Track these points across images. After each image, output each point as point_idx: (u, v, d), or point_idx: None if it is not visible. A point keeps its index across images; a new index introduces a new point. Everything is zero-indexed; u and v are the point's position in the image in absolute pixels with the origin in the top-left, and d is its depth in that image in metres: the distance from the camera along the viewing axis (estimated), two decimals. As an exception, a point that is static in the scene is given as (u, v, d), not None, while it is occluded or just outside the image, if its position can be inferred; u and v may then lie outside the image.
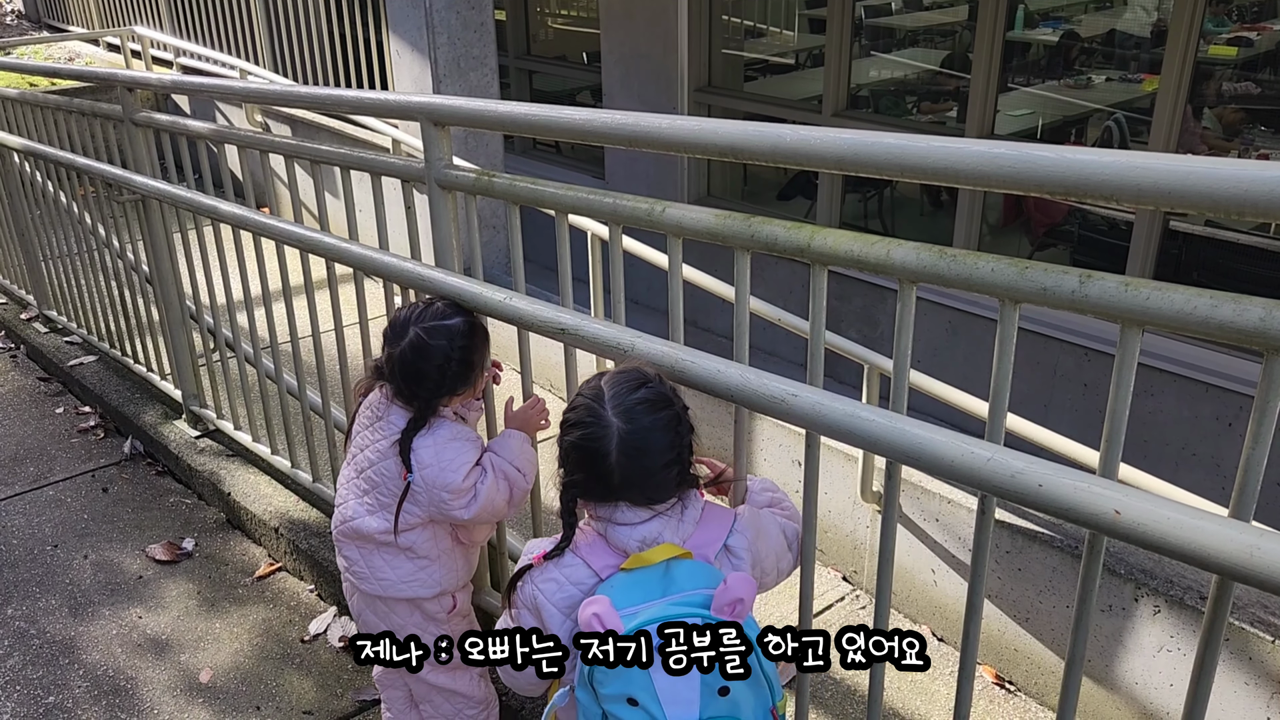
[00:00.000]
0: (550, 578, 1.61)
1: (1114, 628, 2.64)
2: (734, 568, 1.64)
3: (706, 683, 1.46)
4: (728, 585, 1.48)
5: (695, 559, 1.58)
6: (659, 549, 1.56)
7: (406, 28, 5.12)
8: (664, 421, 1.57)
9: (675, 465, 1.59)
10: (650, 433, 1.56)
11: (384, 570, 2.21)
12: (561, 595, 1.60)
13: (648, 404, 1.57)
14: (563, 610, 1.60)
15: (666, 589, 1.52)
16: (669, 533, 1.59)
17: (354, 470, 2.22)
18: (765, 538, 1.73)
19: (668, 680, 1.45)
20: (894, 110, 6.09)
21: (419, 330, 2.06)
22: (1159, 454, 4.63)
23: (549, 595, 1.60)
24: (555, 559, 1.63)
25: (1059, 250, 5.64)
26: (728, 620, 1.46)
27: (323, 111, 5.97)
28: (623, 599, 1.51)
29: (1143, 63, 5.16)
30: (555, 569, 1.62)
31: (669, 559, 1.55)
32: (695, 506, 1.65)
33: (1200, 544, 1.12)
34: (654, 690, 1.45)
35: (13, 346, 5.14)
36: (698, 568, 1.56)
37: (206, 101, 7.39)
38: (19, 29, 10.94)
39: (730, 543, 1.65)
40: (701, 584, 1.53)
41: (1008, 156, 1.31)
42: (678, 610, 1.47)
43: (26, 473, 3.96)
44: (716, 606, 1.47)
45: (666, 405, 1.59)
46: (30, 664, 2.93)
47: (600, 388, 1.60)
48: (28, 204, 4.71)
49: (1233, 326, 1.18)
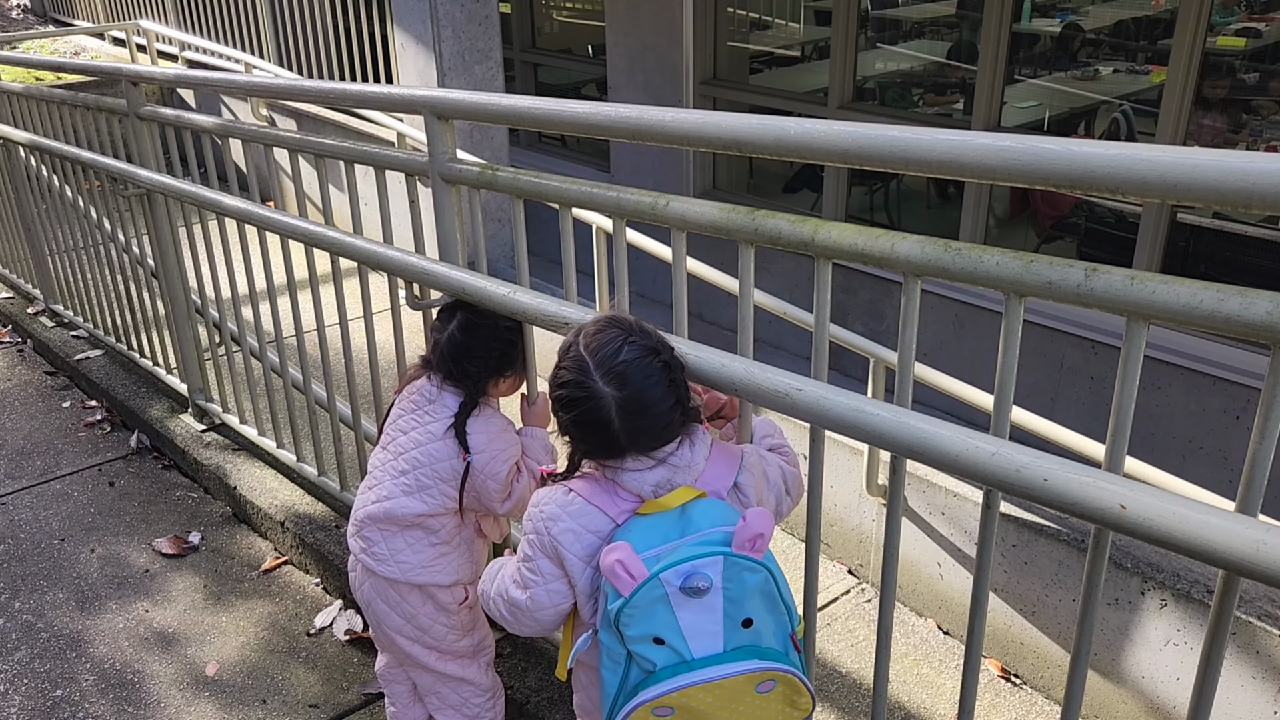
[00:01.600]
0: (568, 528, 1.62)
1: (1120, 621, 2.63)
2: (743, 505, 1.65)
3: (729, 615, 1.50)
4: (747, 521, 1.50)
5: (710, 497, 1.60)
6: (675, 493, 1.58)
7: (411, 21, 5.11)
8: (655, 373, 1.56)
9: (676, 408, 1.59)
10: (644, 391, 1.55)
11: (405, 553, 2.22)
12: (581, 545, 1.61)
13: (634, 362, 1.56)
14: (583, 559, 1.61)
15: (685, 529, 1.54)
16: (680, 475, 1.60)
17: (391, 453, 2.23)
18: (765, 480, 1.74)
19: (691, 616, 1.49)
20: (900, 102, 6.07)
21: (467, 311, 2.13)
22: (1165, 447, 4.62)
23: (568, 546, 1.61)
24: (569, 506, 1.63)
25: (1066, 243, 5.63)
26: (749, 555, 1.49)
27: (327, 105, 5.97)
28: (642, 542, 1.53)
29: (1150, 54, 5.13)
30: (570, 519, 1.62)
31: (685, 501, 1.57)
32: (703, 443, 1.64)
33: (1206, 539, 1.11)
34: (679, 627, 1.49)
35: (20, 340, 5.15)
36: (714, 505, 1.58)
37: (211, 95, 7.39)
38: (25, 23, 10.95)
39: (740, 480, 1.66)
40: (719, 521, 1.55)
41: (1013, 150, 1.30)
42: (700, 550, 1.49)
43: (34, 466, 3.97)
44: (738, 543, 1.49)
45: (653, 354, 1.58)
46: (38, 657, 2.94)
47: (583, 357, 1.58)
48: (34, 198, 4.71)
49: (1239, 320, 1.17)
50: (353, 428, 3.07)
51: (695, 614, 1.49)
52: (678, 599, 1.48)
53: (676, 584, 1.47)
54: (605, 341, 1.58)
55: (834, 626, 3.08)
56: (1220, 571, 1.29)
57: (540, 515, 1.65)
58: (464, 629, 2.35)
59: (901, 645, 3.03)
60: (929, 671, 2.92)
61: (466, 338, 2.14)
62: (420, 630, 2.28)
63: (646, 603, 1.49)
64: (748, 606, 1.51)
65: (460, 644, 2.35)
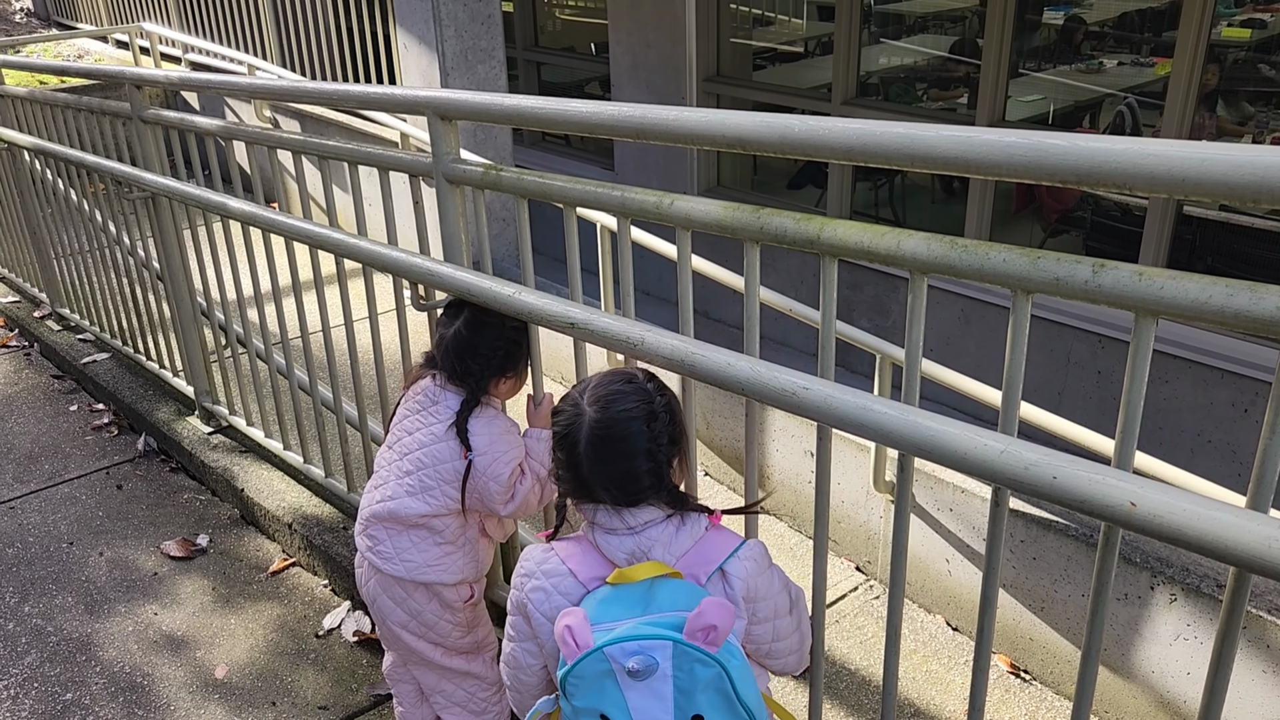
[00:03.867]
0: (539, 586, 1.59)
1: (1130, 616, 2.62)
2: (726, 598, 1.55)
3: (680, 706, 1.43)
4: (701, 610, 1.42)
5: (684, 578, 1.53)
6: (644, 566, 1.53)
7: (414, 21, 5.11)
8: (637, 413, 1.55)
9: (648, 461, 1.55)
10: (619, 422, 1.54)
11: (410, 552, 2.23)
12: (549, 605, 1.57)
13: (623, 395, 1.56)
14: (550, 619, 1.56)
15: (647, 607, 1.48)
16: (659, 548, 1.54)
17: (397, 453, 2.24)
18: (769, 582, 1.64)
19: (640, 699, 1.42)
20: (904, 97, 6.05)
21: (473, 309, 2.13)
22: (1174, 441, 4.60)
23: (538, 605, 1.58)
24: (544, 564, 1.60)
25: (1072, 237, 5.61)
26: (700, 646, 1.41)
27: (331, 107, 5.97)
28: (602, 613, 1.49)
29: (1155, 46, 5.11)
30: (543, 577, 1.59)
31: (654, 577, 1.51)
32: (696, 524, 1.60)
33: (1217, 536, 1.11)
34: (626, 707, 1.43)
35: (26, 345, 5.16)
36: (682, 588, 1.51)
37: (215, 97, 7.40)
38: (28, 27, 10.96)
39: (728, 567, 1.57)
40: (681, 605, 1.47)
41: (1019, 145, 1.29)
42: (648, 631, 1.43)
43: (41, 470, 3.98)
44: (689, 631, 1.42)
45: (645, 399, 1.57)
46: (48, 661, 2.94)
47: (589, 381, 1.61)
48: (39, 202, 4.72)
49: (1248, 315, 1.16)
50: (359, 429, 3.07)
51: (644, 698, 1.42)
52: (624, 679, 1.42)
53: (623, 662, 1.41)
54: (612, 375, 1.61)
55: (842, 624, 3.08)
56: (1231, 568, 1.28)
57: (519, 571, 1.64)
58: (468, 625, 2.36)
59: (910, 642, 3.02)
60: (938, 668, 2.91)
61: (472, 334, 2.15)
62: (425, 626, 2.29)
63: (592, 675, 1.43)
64: (699, 701, 1.43)
65: (464, 640, 2.36)
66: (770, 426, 3.55)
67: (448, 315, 2.20)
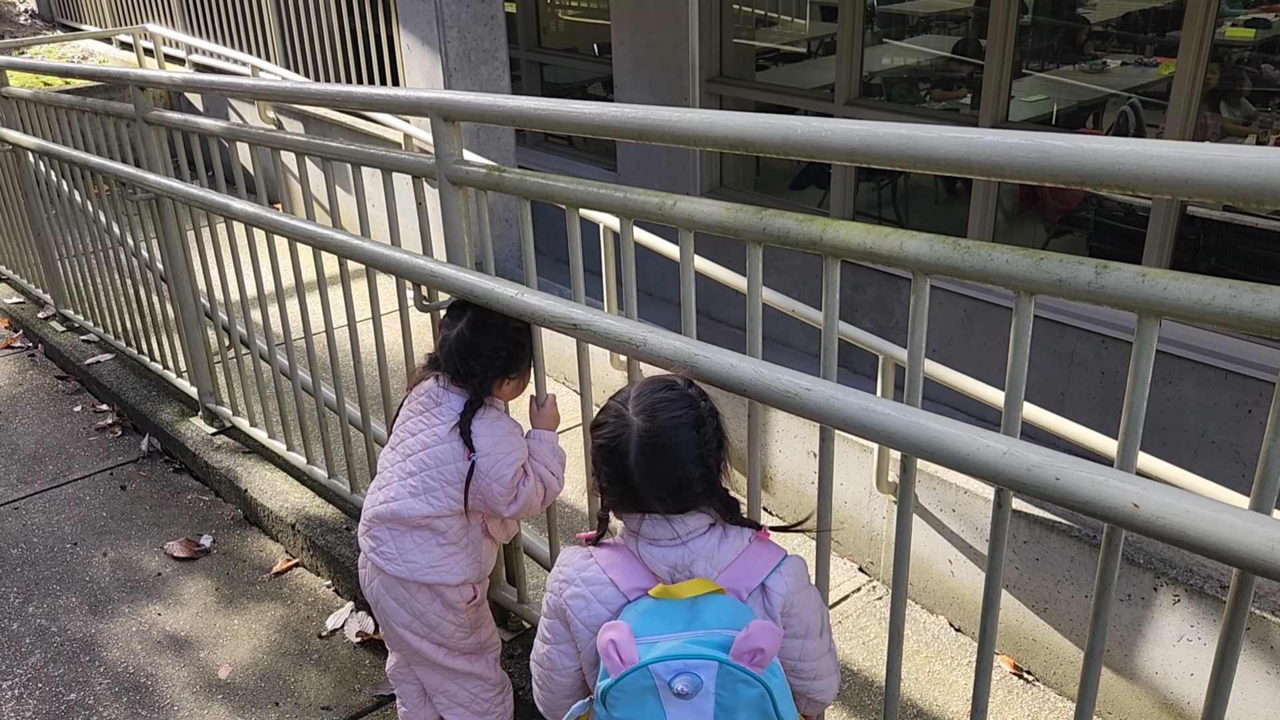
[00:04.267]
0: (578, 594, 1.59)
1: (1133, 617, 2.62)
2: (765, 612, 1.55)
3: None
4: (749, 633, 1.43)
5: (726, 594, 1.53)
6: (690, 584, 1.52)
7: (417, 22, 5.11)
8: (685, 419, 1.54)
9: (699, 467, 1.54)
10: (668, 430, 1.53)
11: (413, 553, 2.23)
12: (589, 613, 1.57)
13: (669, 402, 1.55)
14: (589, 628, 1.57)
15: (690, 623, 1.48)
16: (702, 561, 1.54)
17: (400, 454, 2.24)
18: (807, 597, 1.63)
19: (681, 713, 1.43)
20: (907, 98, 6.05)
21: (476, 310, 2.13)
22: (1177, 441, 4.60)
23: (577, 612, 1.58)
24: (584, 571, 1.60)
25: (1075, 237, 5.60)
26: (746, 668, 1.42)
27: (334, 108, 5.98)
28: (644, 626, 1.48)
29: (1159, 46, 5.10)
30: (583, 585, 1.59)
31: (698, 594, 1.51)
32: (739, 538, 1.59)
33: (1220, 537, 1.11)
34: None
35: (30, 345, 5.17)
36: (727, 605, 1.51)
37: (219, 99, 7.41)
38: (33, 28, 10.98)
39: (769, 583, 1.56)
40: (727, 623, 1.47)
41: (1022, 147, 1.29)
42: (695, 650, 1.43)
43: (46, 471, 3.99)
44: (736, 653, 1.43)
45: (690, 405, 1.56)
46: (52, 661, 2.95)
47: (628, 392, 1.59)
48: (43, 203, 4.73)
49: (1252, 316, 1.16)
50: (362, 430, 3.07)
51: (685, 714, 1.43)
52: (667, 695, 1.43)
53: (667, 679, 1.42)
54: (653, 382, 1.60)
55: (845, 624, 3.08)
56: (1234, 570, 1.28)
57: (557, 576, 1.63)
58: (471, 626, 2.36)
59: (913, 642, 3.02)
60: (941, 669, 2.91)
61: (475, 336, 2.15)
62: (428, 627, 2.29)
63: (634, 690, 1.44)
64: (740, 718, 1.44)
65: (467, 641, 2.36)
66: (773, 427, 3.55)
67: (450, 316, 2.21)
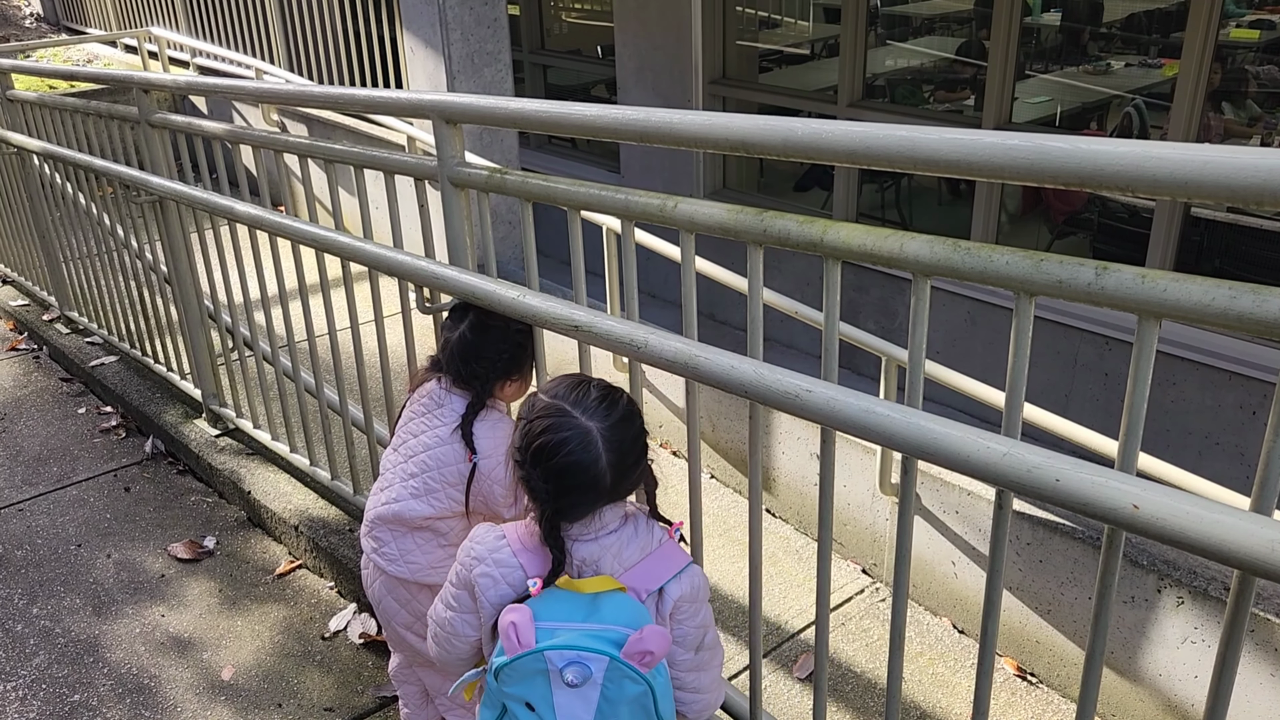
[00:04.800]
0: (486, 573, 1.63)
1: (1136, 619, 2.62)
2: (658, 614, 1.62)
3: (603, 711, 1.51)
4: (642, 635, 1.50)
5: (627, 593, 1.58)
6: (594, 580, 1.58)
7: (420, 25, 5.12)
8: (632, 412, 1.62)
9: (643, 460, 1.62)
10: (621, 425, 1.58)
11: (415, 554, 2.23)
12: (496, 593, 1.62)
13: (612, 400, 1.60)
14: (494, 606, 1.62)
15: (589, 615, 1.54)
16: (609, 558, 1.60)
17: (402, 456, 2.25)
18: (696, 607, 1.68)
19: (566, 699, 1.50)
20: (910, 99, 6.05)
21: (478, 312, 2.14)
22: (1181, 443, 4.59)
23: (484, 590, 1.63)
24: (496, 552, 1.64)
25: (1078, 238, 5.59)
26: (635, 666, 1.49)
27: (337, 110, 5.99)
28: (545, 612, 1.54)
29: (1163, 47, 5.10)
30: (493, 565, 1.63)
31: (600, 591, 1.57)
32: (648, 537, 1.65)
33: (1220, 538, 1.11)
34: (552, 704, 1.51)
35: (35, 348, 5.18)
36: (626, 603, 1.57)
37: (222, 101, 7.43)
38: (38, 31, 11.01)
39: (667, 588, 1.63)
40: (623, 621, 1.54)
41: (1022, 148, 1.29)
42: (589, 643, 1.50)
43: (50, 473, 3.99)
44: (627, 652, 1.49)
45: (626, 400, 1.63)
46: (56, 662, 2.95)
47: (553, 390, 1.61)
48: (48, 206, 4.74)
49: (1252, 317, 1.16)
50: (365, 431, 3.07)
51: (571, 700, 1.50)
52: (557, 680, 1.49)
53: (559, 666, 1.49)
54: (576, 383, 1.62)
55: (848, 626, 3.08)
56: (1235, 572, 1.28)
57: (470, 552, 1.67)
58: None
59: (916, 644, 3.02)
60: (944, 671, 2.91)
61: (477, 338, 2.15)
62: None
63: (527, 671, 1.50)
64: (622, 711, 1.51)
65: None
66: (775, 429, 3.55)
67: (453, 318, 2.21)
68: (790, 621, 3.07)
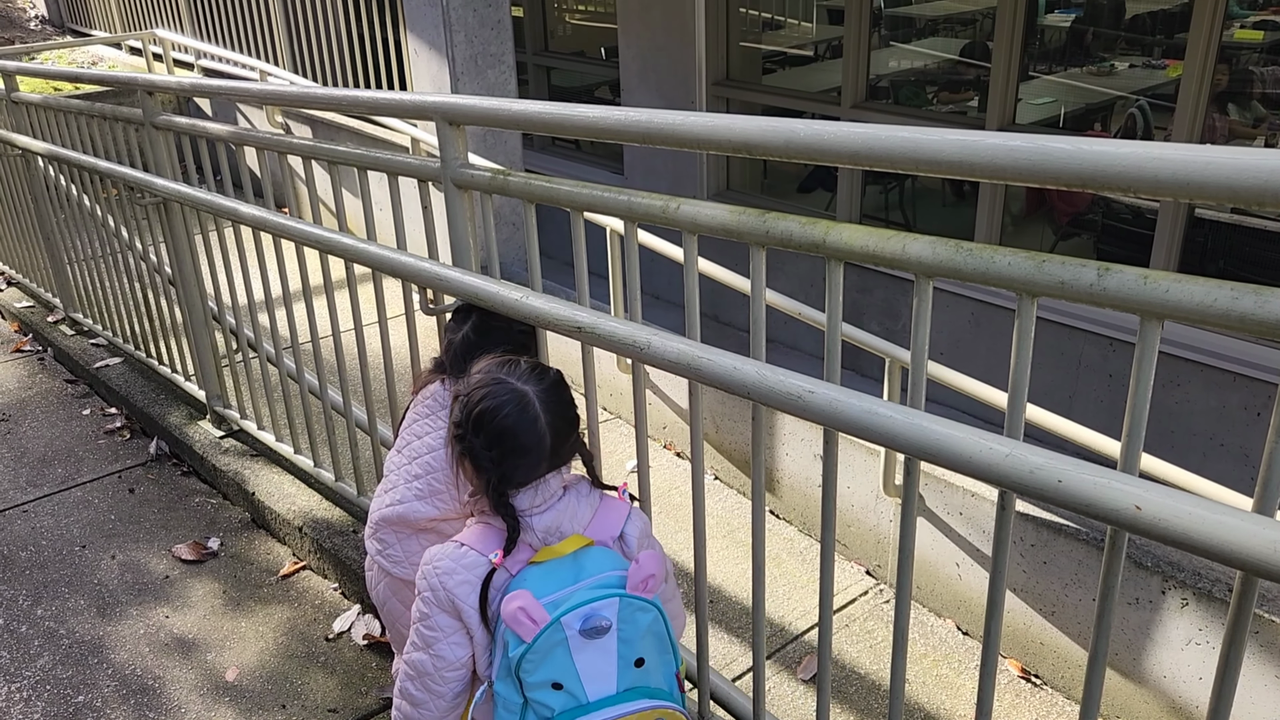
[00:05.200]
0: (463, 580, 1.63)
1: (1141, 621, 2.61)
2: (626, 555, 1.72)
3: (623, 655, 1.60)
4: (640, 563, 1.63)
5: (598, 545, 1.69)
6: (569, 541, 1.66)
7: (424, 26, 5.13)
8: (560, 379, 1.72)
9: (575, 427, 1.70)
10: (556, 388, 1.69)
11: (419, 556, 2.23)
12: (476, 596, 1.63)
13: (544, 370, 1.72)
14: (477, 609, 1.63)
15: (579, 575, 1.62)
16: (567, 521, 1.67)
17: (406, 457, 2.25)
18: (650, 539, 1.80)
19: (588, 659, 1.58)
20: (914, 100, 6.04)
21: (481, 313, 2.15)
22: (1186, 444, 4.58)
23: (464, 597, 1.63)
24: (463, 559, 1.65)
25: (1083, 239, 5.59)
26: (643, 595, 1.61)
27: (340, 112, 6.00)
28: (540, 588, 1.59)
29: (1167, 48, 5.09)
30: (465, 570, 1.64)
31: (577, 549, 1.66)
32: (590, 494, 1.74)
33: (1222, 539, 1.10)
34: (576, 671, 1.57)
35: (40, 350, 5.19)
36: (604, 553, 1.68)
37: (227, 104, 7.44)
38: (43, 33, 11.04)
39: (626, 530, 1.74)
40: (610, 566, 1.65)
41: (1023, 150, 1.29)
42: (597, 593, 1.59)
43: (55, 474, 4.00)
44: (632, 584, 1.61)
45: (555, 372, 1.73)
46: (60, 663, 2.96)
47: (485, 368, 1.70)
48: (53, 208, 4.75)
49: (1254, 318, 1.16)
50: (369, 433, 3.08)
51: (592, 657, 1.57)
52: (576, 642, 1.56)
53: (576, 627, 1.55)
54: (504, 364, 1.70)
55: (852, 628, 3.07)
56: (1238, 573, 1.28)
57: (435, 572, 1.67)
58: None
59: (920, 646, 3.02)
60: (948, 672, 2.90)
61: (480, 339, 2.15)
62: None
63: (547, 647, 1.55)
64: (639, 646, 1.61)
65: None
66: (779, 430, 3.54)
67: (456, 320, 2.21)
68: (794, 623, 3.07)
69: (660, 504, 3.65)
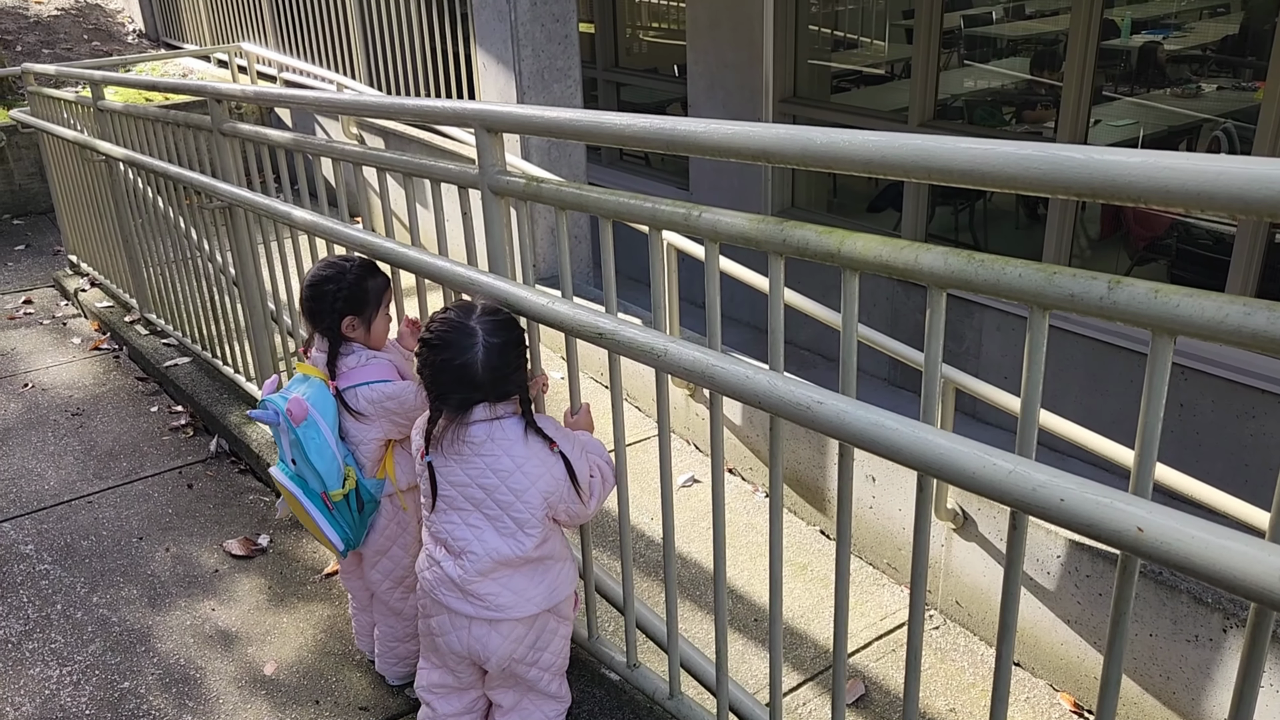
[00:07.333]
0: None
1: (1201, 660, 2.51)
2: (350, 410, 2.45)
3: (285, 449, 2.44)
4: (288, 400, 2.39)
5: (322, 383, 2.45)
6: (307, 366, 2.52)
7: (493, 41, 5.21)
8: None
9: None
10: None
11: (530, 587, 2.27)
12: None
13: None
14: None
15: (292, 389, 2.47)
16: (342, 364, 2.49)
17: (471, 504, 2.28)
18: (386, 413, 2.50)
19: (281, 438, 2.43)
20: (989, 120, 5.94)
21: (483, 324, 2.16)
22: (1260, 478, 4.40)
23: None
24: None
25: (1158, 265, 5.42)
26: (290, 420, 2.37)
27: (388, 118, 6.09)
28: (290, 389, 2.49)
29: (1256, 70, 4.92)
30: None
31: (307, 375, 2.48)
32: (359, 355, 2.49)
33: (1226, 565, 1.05)
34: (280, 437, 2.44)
35: (116, 348, 5.38)
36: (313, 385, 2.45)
37: (305, 114, 7.64)
38: (139, 46, 11.49)
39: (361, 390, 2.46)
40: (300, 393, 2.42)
41: (1035, 158, 1.26)
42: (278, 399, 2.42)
43: (120, 467, 4.13)
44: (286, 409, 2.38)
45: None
46: (110, 650, 3.04)
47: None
48: (131, 212, 4.93)
49: (1266, 335, 1.11)
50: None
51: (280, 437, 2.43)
52: None
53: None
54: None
55: (899, 653, 3.01)
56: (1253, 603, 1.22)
57: None
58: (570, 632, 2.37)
59: (969, 675, 2.94)
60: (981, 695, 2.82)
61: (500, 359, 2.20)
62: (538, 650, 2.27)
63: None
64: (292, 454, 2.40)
65: (565, 652, 2.35)
66: (830, 450, 3.49)
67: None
68: (831, 644, 3.01)
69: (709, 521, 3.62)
